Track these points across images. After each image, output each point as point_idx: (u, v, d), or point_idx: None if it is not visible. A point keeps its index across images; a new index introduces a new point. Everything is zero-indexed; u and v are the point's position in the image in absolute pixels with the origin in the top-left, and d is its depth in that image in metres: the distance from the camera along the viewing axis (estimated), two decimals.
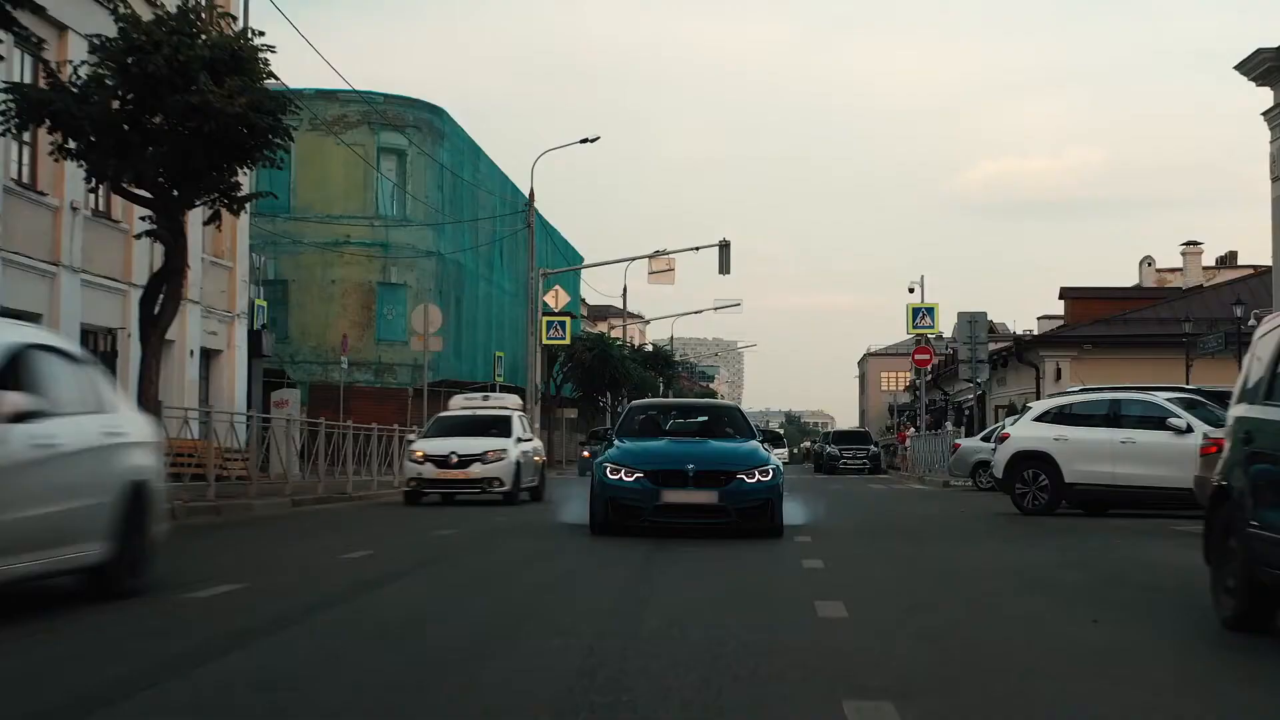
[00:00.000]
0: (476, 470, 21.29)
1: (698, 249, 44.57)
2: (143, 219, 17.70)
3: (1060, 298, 50.61)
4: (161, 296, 17.16)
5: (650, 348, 79.46)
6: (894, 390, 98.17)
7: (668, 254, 45.27)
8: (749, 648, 6.51)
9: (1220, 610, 7.44)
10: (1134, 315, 43.70)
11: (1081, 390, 22.92)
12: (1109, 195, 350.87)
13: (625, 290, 60.65)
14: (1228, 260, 55.28)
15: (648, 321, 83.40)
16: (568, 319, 46.64)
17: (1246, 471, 7.19)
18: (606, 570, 10.79)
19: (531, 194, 42.51)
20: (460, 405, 25.31)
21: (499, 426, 22.70)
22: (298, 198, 40.71)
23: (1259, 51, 28.93)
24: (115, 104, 16.19)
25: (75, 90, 15.94)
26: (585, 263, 62.52)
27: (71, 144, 16.28)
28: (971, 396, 51.10)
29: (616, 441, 14.91)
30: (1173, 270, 54.98)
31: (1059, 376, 41.60)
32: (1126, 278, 61.60)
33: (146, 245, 23.72)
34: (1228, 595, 7.36)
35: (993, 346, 50.51)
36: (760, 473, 13.73)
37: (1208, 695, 5.80)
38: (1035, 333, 51.79)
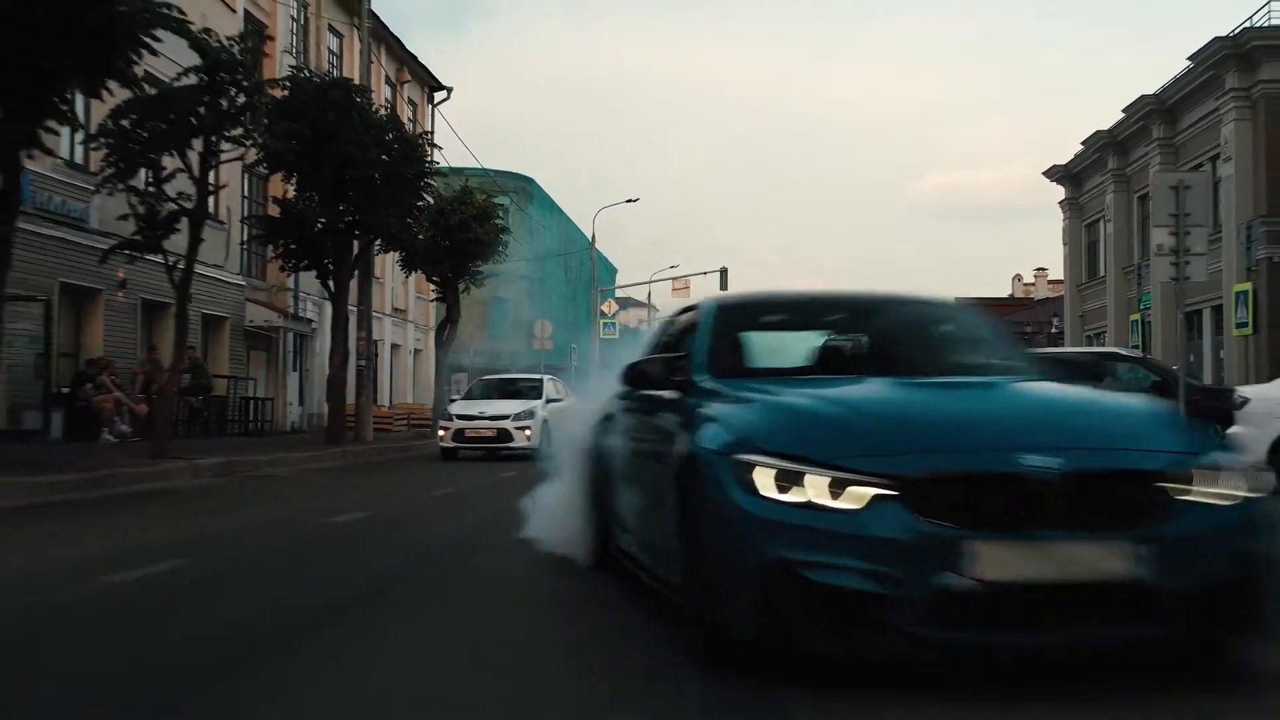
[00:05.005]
0: None
1: (705, 273, 56.10)
2: (433, 287, 29.12)
3: None
4: (445, 332, 28.63)
5: None
6: None
7: (686, 277, 56.74)
8: None
9: None
10: (1001, 319, 54.60)
11: None
12: (1040, 202, 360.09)
13: (650, 294, 72.21)
14: None
15: (658, 312, 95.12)
16: (616, 322, 57.99)
17: None
18: None
19: (593, 237, 53.79)
20: None
21: None
22: None
23: (1055, 166, 40.19)
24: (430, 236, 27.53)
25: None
26: (617, 270, 74.09)
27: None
28: None
29: (716, 387, 4.53)
30: (1031, 284, 66.22)
31: None
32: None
33: (409, 290, 35.11)
34: None
35: None
36: (1212, 472, 3.61)
37: None
38: None
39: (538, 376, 23.01)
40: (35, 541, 8.32)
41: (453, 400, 23.48)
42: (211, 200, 16.93)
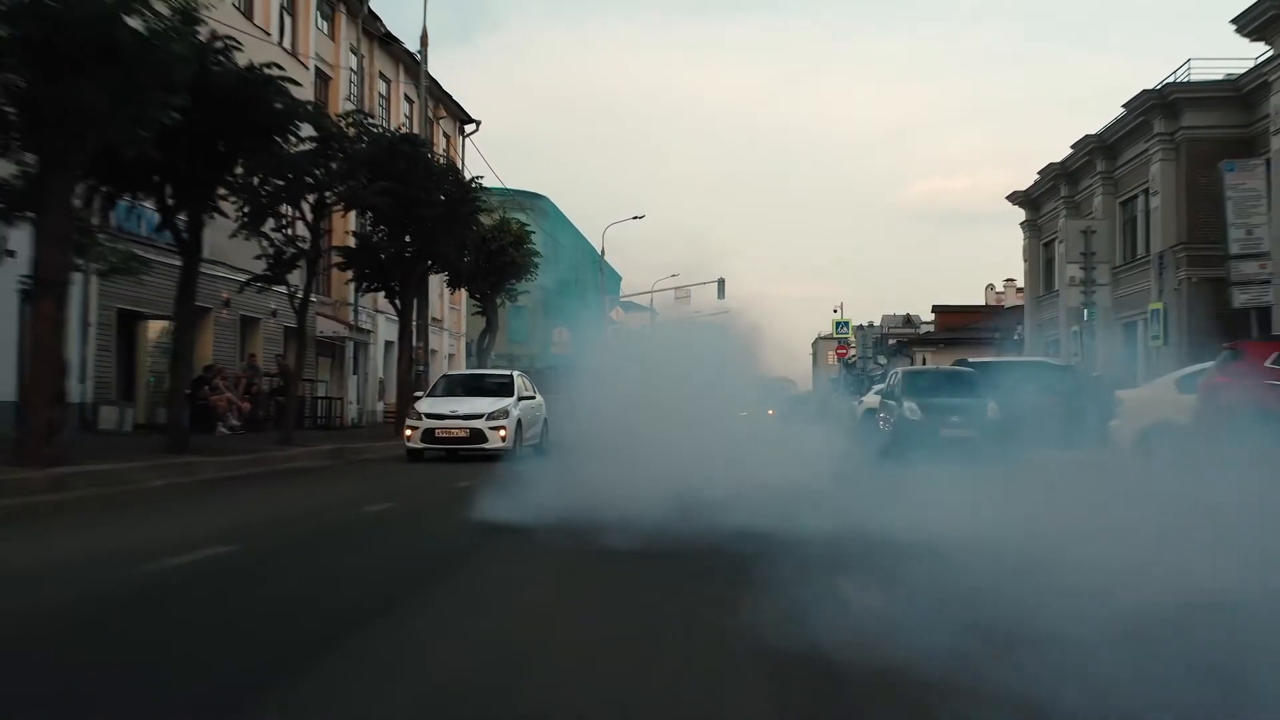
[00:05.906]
0: None
1: (704, 283, 59.91)
2: (474, 302, 32.93)
3: (932, 311, 65.58)
4: (485, 340, 32.47)
5: None
6: (835, 365, 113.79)
7: (686, 286, 60.57)
8: None
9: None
10: (972, 325, 58.31)
11: None
12: (1010, 210, 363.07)
13: (651, 300, 76.19)
14: None
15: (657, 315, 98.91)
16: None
17: (888, 408, 22.32)
18: None
19: (603, 251, 57.63)
20: None
21: None
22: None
23: (1015, 192, 43.99)
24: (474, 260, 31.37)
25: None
26: (621, 278, 77.93)
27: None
28: (880, 371, 66.29)
29: None
30: (1001, 293, 70.03)
31: (924, 363, 56.47)
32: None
33: (444, 301, 38.74)
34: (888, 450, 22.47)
35: (891, 342, 65.76)
36: None
37: None
38: (916, 332, 67.08)
39: (507, 373, 21.25)
40: (285, 494, 12.11)
41: (417, 397, 21.30)
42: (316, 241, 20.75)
